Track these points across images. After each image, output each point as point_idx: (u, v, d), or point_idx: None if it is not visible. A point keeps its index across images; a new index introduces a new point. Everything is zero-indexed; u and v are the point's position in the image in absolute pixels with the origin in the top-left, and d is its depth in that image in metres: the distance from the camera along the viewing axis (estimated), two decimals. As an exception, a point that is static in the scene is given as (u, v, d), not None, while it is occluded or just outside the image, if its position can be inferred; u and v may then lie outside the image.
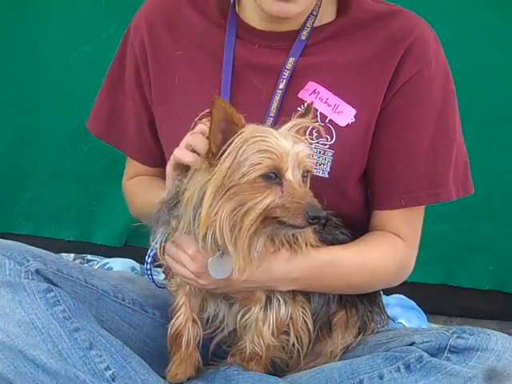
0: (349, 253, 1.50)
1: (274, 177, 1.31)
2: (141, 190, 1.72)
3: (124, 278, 1.68)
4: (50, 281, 1.45)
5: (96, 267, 2.36)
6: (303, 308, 1.45)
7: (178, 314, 1.49)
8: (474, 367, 1.35)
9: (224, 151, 1.32)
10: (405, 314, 2.21)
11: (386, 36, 1.53)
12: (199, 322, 1.49)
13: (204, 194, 1.33)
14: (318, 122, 1.47)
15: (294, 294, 1.45)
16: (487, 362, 1.35)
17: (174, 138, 1.60)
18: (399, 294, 2.33)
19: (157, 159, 1.71)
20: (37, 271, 1.44)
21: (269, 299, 1.44)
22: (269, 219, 1.32)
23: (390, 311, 1.83)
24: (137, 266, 2.41)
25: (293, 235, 1.39)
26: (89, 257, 2.48)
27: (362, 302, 1.54)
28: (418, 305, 2.32)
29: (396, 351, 1.40)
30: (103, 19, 2.50)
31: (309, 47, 1.55)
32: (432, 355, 1.38)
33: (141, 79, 1.65)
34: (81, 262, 2.44)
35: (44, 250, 1.55)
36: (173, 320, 1.49)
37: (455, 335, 1.38)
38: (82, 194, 2.59)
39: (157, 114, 1.65)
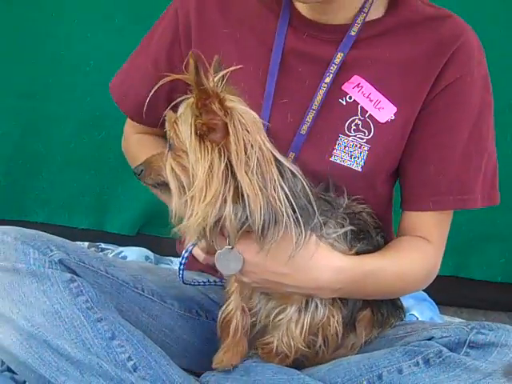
0: (388, 262, 1.51)
1: None
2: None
3: (143, 268, 1.69)
4: (72, 271, 1.46)
5: (110, 256, 2.38)
6: (337, 313, 1.45)
7: (229, 301, 1.49)
8: (494, 363, 1.36)
9: None
10: (417, 306, 2.22)
11: (434, 39, 1.54)
12: (247, 311, 1.49)
13: None
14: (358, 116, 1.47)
15: (333, 298, 1.46)
16: (507, 358, 1.36)
17: None
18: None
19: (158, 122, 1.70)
20: (60, 261, 1.45)
21: (306, 302, 1.44)
22: None
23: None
24: (151, 254, 2.42)
25: None
26: (103, 245, 2.48)
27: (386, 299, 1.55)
28: (429, 295, 2.33)
29: (415, 346, 1.41)
30: (117, 7, 2.49)
31: (358, 42, 1.55)
32: (451, 350, 1.38)
33: (176, 49, 1.63)
34: (95, 251, 2.44)
35: (65, 240, 1.55)
36: (223, 307, 1.49)
37: (474, 330, 1.39)
38: (95, 182, 2.60)
39: None
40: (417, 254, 1.57)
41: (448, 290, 2.51)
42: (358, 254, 1.46)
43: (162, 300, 1.62)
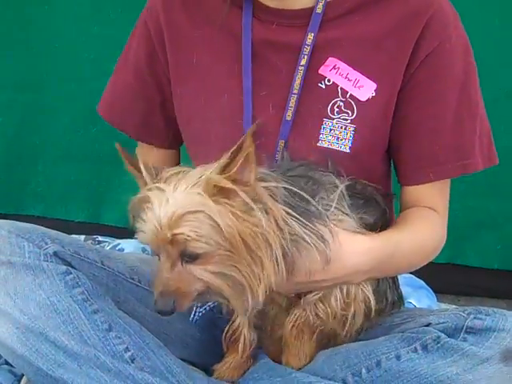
0: (406, 236, 1.51)
1: (154, 253, 1.30)
2: None
3: (140, 259, 1.68)
4: (68, 263, 1.46)
5: (107, 248, 2.38)
6: (366, 283, 1.44)
7: (234, 317, 1.48)
8: (491, 348, 1.36)
9: None
10: (414, 294, 2.22)
11: (405, 10, 1.53)
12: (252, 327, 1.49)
13: None
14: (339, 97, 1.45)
15: None
16: (504, 343, 1.36)
17: (194, 119, 1.61)
18: (408, 273, 2.34)
19: (166, 140, 1.71)
20: (55, 253, 1.44)
21: None
22: None
23: (400, 291, 1.85)
24: (147, 246, 2.42)
25: None
26: (100, 238, 2.48)
27: (392, 284, 1.55)
28: (426, 283, 2.34)
29: (413, 332, 1.41)
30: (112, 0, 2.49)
31: (327, 22, 1.55)
32: (449, 336, 1.38)
33: (155, 59, 1.65)
34: (92, 244, 2.44)
35: (60, 232, 1.55)
36: (229, 324, 1.49)
37: (471, 316, 1.39)
38: (91, 175, 2.60)
39: (175, 95, 1.65)
40: (428, 224, 1.57)
41: (444, 278, 2.51)
42: (371, 224, 1.46)
43: (158, 291, 1.61)
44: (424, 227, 1.56)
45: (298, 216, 1.32)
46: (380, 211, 1.51)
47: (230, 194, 1.26)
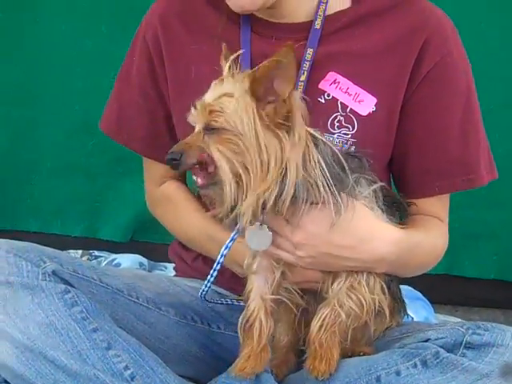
0: (422, 235, 1.53)
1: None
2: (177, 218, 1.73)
3: (137, 275, 1.68)
4: (66, 282, 1.46)
5: (104, 263, 2.37)
6: (379, 280, 1.44)
7: (249, 301, 1.43)
8: (490, 363, 1.36)
9: None
10: (412, 305, 2.21)
11: (405, 24, 1.54)
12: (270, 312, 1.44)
13: None
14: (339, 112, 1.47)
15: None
16: (503, 358, 1.36)
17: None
18: (404, 284, 2.34)
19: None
20: (53, 272, 1.44)
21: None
22: None
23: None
24: (144, 261, 2.42)
25: None
26: (96, 253, 2.48)
27: (399, 295, 1.56)
28: (422, 295, 2.34)
29: (412, 347, 1.41)
30: (103, 12, 2.50)
31: (326, 37, 1.56)
32: (448, 351, 1.38)
33: (156, 74, 1.65)
34: (88, 259, 2.44)
35: (58, 250, 1.55)
36: (244, 310, 1.44)
37: (470, 331, 1.39)
38: (87, 190, 2.60)
39: (174, 109, 1.65)
40: (436, 231, 1.60)
41: (441, 288, 2.52)
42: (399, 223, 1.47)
43: (157, 307, 1.61)
44: (434, 232, 1.59)
45: (327, 172, 1.34)
46: (405, 217, 1.52)
47: (264, 98, 1.33)
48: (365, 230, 1.41)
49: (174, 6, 1.64)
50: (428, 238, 1.56)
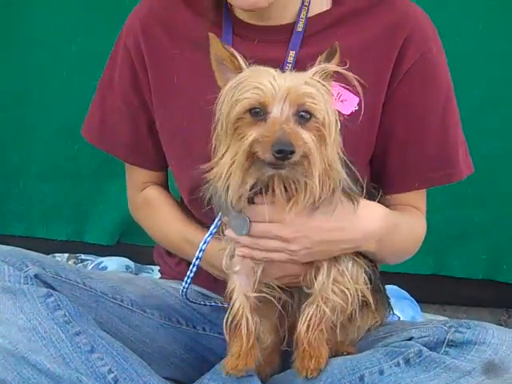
0: (401, 218, 1.56)
1: (260, 113, 1.29)
2: (157, 221, 1.73)
3: (122, 278, 1.68)
4: (49, 285, 1.45)
5: (90, 267, 2.37)
6: (362, 270, 1.45)
7: (233, 300, 1.43)
8: (472, 361, 1.37)
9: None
10: (398, 305, 2.23)
11: (384, 24, 1.56)
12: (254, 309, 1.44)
13: None
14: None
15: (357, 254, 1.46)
16: (485, 356, 1.36)
17: (177, 138, 1.61)
18: (392, 284, 2.35)
19: (157, 162, 1.72)
20: (36, 276, 1.44)
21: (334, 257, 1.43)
22: (255, 157, 1.29)
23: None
24: (131, 264, 2.42)
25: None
26: (82, 256, 2.48)
27: (383, 294, 1.56)
28: (410, 295, 2.34)
29: (395, 346, 1.42)
30: (89, 16, 2.49)
31: (308, 38, 1.56)
32: (431, 349, 1.39)
33: (139, 80, 1.65)
34: (75, 262, 2.44)
35: (41, 254, 1.55)
36: (229, 309, 1.44)
37: (453, 329, 1.40)
38: (73, 193, 2.59)
39: (158, 116, 1.65)
40: (416, 218, 1.62)
41: (430, 288, 2.53)
42: None
43: (141, 310, 1.61)
44: (414, 217, 1.62)
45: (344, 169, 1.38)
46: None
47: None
48: (351, 211, 1.42)
49: (154, 12, 1.64)
50: (408, 221, 1.59)
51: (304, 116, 1.30)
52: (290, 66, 1.54)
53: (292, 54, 1.55)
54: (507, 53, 2.37)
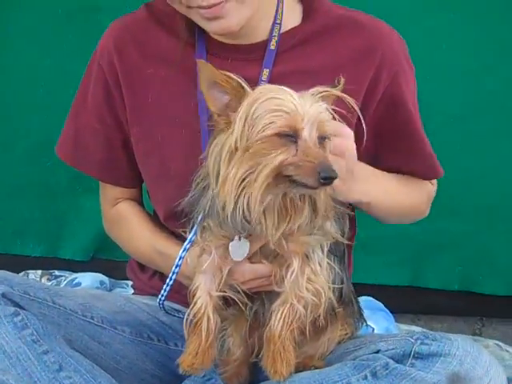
0: (391, 177, 1.64)
1: (289, 135, 1.32)
2: (129, 233, 1.75)
3: (92, 295, 1.67)
4: (16, 304, 1.45)
5: (64, 283, 2.36)
6: (331, 272, 1.46)
7: (196, 298, 1.44)
8: (438, 372, 1.38)
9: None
10: (373, 316, 2.23)
11: (355, 46, 1.59)
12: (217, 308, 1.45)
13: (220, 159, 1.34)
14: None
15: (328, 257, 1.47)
16: (450, 367, 1.37)
17: (152, 156, 1.62)
18: (367, 295, 2.36)
19: (131, 180, 1.73)
20: (3, 295, 1.43)
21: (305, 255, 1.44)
22: (281, 177, 1.32)
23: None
24: (105, 279, 2.41)
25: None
26: (56, 273, 2.46)
27: (356, 306, 1.57)
28: (385, 305, 2.35)
29: (363, 359, 1.42)
30: (63, 32, 2.49)
31: (280, 55, 1.58)
32: (397, 362, 1.40)
33: (113, 99, 1.66)
34: (48, 279, 2.43)
35: (10, 272, 1.55)
36: (191, 306, 1.45)
37: (419, 341, 1.41)
38: (47, 209, 2.58)
39: (132, 134, 1.66)
40: (417, 182, 1.70)
41: (405, 299, 2.54)
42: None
43: (112, 326, 1.61)
44: (413, 183, 1.68)
45: None
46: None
47: None
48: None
49: (128, 31, 1.65)
50: (402, 183, 1.66)
51: (323, 139, 1.36)
52: (264, 83, 1.55)
53: (266, 72, 1.56)
54: (477, 67, 2.40)
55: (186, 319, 1.45)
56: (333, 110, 1.40)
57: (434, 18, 2.38)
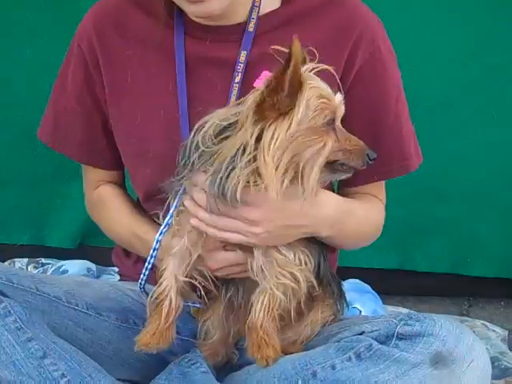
0: (356, 205, 1.61)
1: (331, 123, 1.39)
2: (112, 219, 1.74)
3: (77, 282, 1.67)
4: (0, 292, 1.44)
5: (51, 270, 2.35)
6: (308, 260, 1.47)
7: (162, 279, 1.46)
8: (421, 353, 1.38)
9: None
10: (360, 298, 2.25)
11: (334, 24, 1.58)
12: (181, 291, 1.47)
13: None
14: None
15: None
16: (433, 347, 1.38)
17: (131, 137, 1.62)
18: (355, 278, 2.37)
19: (111, 162, 1.72)
20: (-14, 283, 1.43)
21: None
22: (326, 164, 1.39)
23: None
24: (92, 266, 2.41)
25: None
26: (43, 260, 2.46)
27: (335, 288, 1.57)
28: (373, 287, 2.36)
29: (347, 341, 1.43)
30: (43, 21, 2.47)
31: (260, 36, 1.58)
32: (381, 343, 1.40)
33: (92, 80, 1.66)
34: (35, 267, 2.42)
35: (-7, 261, 1.55)
36: (156, 286, 1.47)
37: (402, 322, 1.41)
38: (32, 197, 2.57)
39: (112, 114, 1.66)
40: (372, 205, 1.67)
41: (393, 281, 2.54)
42: None
43: (97, 313, 1.61)
44: (368, 206, 1.65)
45: None
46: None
47: None
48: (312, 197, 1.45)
49: (107, 13, 1.65)
50: (364, 208, 1.63)
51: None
52: (241, 65, 1.55)
53: (244, 54, 1.56)
54: (462, 54, 2.39)
55: (150, 298, 1.47)
56: None
57: (419, 5, 2.37)
